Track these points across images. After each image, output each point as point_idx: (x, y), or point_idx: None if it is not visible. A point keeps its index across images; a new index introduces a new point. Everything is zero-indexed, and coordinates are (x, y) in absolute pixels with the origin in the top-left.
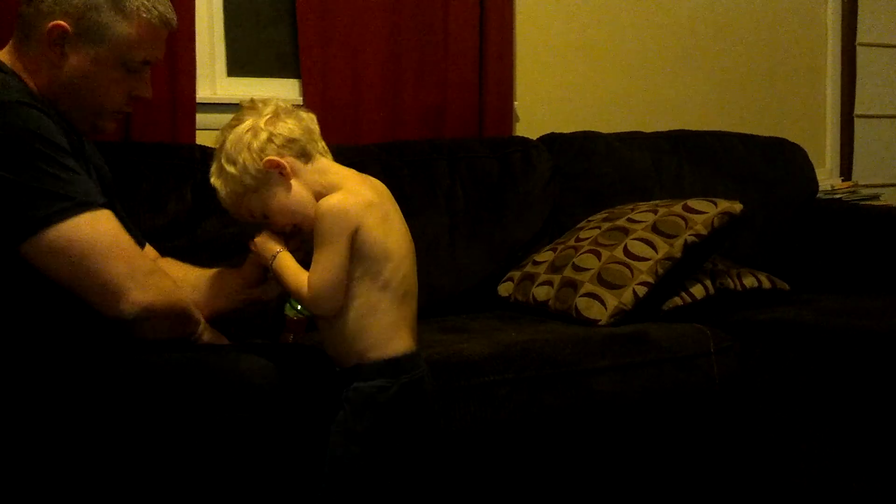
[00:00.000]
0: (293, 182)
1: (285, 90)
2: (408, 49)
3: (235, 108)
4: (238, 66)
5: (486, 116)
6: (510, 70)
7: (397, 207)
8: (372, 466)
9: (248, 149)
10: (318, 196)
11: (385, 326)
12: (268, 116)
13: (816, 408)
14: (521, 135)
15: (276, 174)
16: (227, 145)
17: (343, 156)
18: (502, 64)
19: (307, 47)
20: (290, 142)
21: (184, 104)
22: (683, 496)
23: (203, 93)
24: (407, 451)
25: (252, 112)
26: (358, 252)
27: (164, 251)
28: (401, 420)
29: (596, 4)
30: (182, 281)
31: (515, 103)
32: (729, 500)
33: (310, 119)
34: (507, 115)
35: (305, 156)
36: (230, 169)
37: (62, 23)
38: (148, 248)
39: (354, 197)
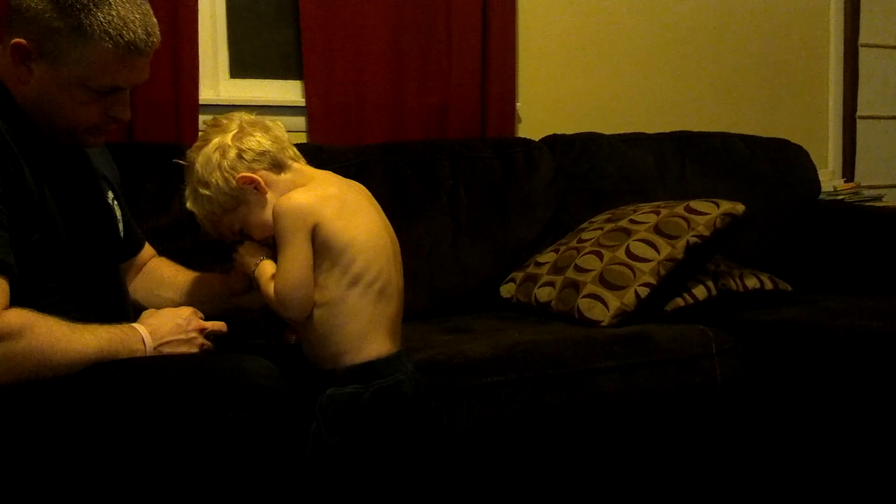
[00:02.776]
0: (269, 195)
1: (288, 91)
2: (410, 50)
3: (238, 110)
4: (241, 67)
5: (488, 117)
6: (513, 71)
7: (373, 202)
8: (350, 477)
9: (219, 168)
10: None
11: (359, 327)
12: (234, 132)
13: (819, 409)
14: (523, 136)
15: (250, 190)
16: (198, 167)
17: (346, 156)
18: (505, 65)
19: (310, 48)
20: (261, 155)
21: (187, 105)
22: (685, 497)
23: (206, 94)
24: (387, 458)
25: (217, 130)
26: (321, 246)
27: (167, 251)
28: (375, 428)
29: (598, 6)
30: (170, 282)
31: (518, 104)
32: (731, 501)
33: (277, 127)
34: (509, 115)
35: (277, 166)
36: (204, 191)
37: (23, 41)
38: (147, 247)
39: (308, 192)
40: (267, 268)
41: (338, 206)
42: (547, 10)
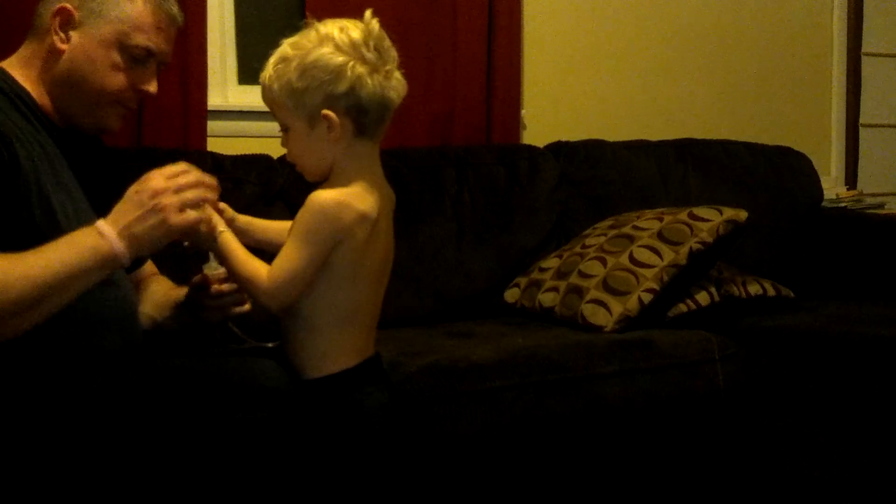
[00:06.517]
0: (332, 146)
1: None
2: (416, 57)
3: (246, 116)
4: (249, 74)
5: (493, 124)
6: (518, 78)
7: (391, 219)
8: (356, 480)
9: (322, 84)
10: (333, 174)
11: (323, 345)
12: (365, 70)
13: (821, 414)
14: (528, 142)
15: (323, 124)
16: (311, 58)
17: None
18: (510, 72)
19: None
20: (360, 112)
21: (195, 111)
22: (687, 502)
23: (214, 100)
24: (369, 465)
25: (356, 48)
26: (330, 262)
27: (171, 256)
28: (350, 435)
29: (603, 14)
30: (150, 298)
31: (523, 111)
32: None
33: (397, 93)
34: (514, 122)
35: (361, 130)
36: (294, 80)
37: (66, 5)
38: (149, 264)
39: (351, 205)
40: (232, 242)
41: (368, 231)
42: (552, 18)
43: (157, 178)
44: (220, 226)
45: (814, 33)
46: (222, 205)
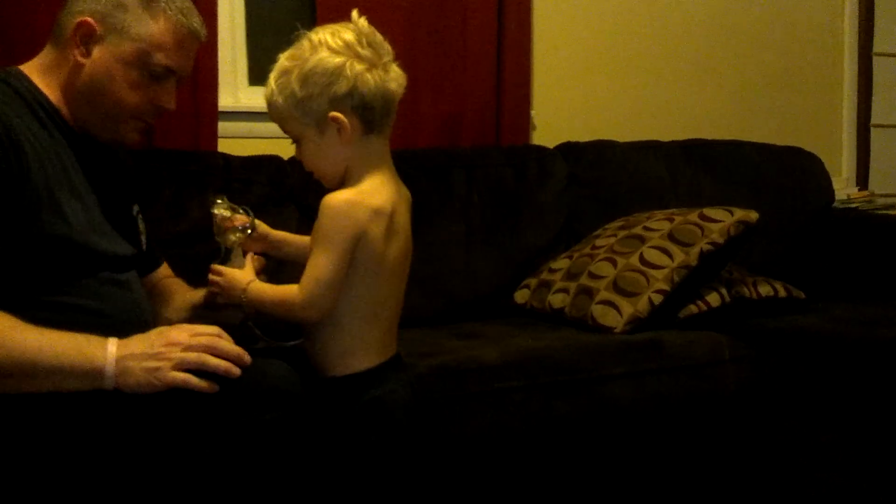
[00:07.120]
0: (343, 146)
1: None
2: (426, 58)
3: (257, 117)
4: (259, 75)
5: (503, 125)
6: (527, 79)
7: (408, 217)
8: (363, 479)
9: (325, 88)
10: (347, 174)
11: (347, 343)
12: (363, 67)
13: (831, 416)
14: (537, 143)
15: (333, 127)
16: (309, 65)
17: None
18: (519, 73)
19: None
20: (366, 109)
21: (206, 112)
22: None
23: (225, 101)
24: (397, 459)
25: (350, 48)
26: (354, 260)
27: (184, 257)
28: (367, 440)
29: (612, 15)
30: (168, 301)
31: (532, 112)
32: None
33: (398, 84)
34: (523, 123)
35: (370, 126)
36: (297, 90)
37: (89, 19)
38: (164, 266)
39: (363, 204)
40: (259, 286)
41: (385, 226)
42: (562, 19)
43: (180, 331)
44: (247, 277)
45: (824, 33)
46: (256, 221)
